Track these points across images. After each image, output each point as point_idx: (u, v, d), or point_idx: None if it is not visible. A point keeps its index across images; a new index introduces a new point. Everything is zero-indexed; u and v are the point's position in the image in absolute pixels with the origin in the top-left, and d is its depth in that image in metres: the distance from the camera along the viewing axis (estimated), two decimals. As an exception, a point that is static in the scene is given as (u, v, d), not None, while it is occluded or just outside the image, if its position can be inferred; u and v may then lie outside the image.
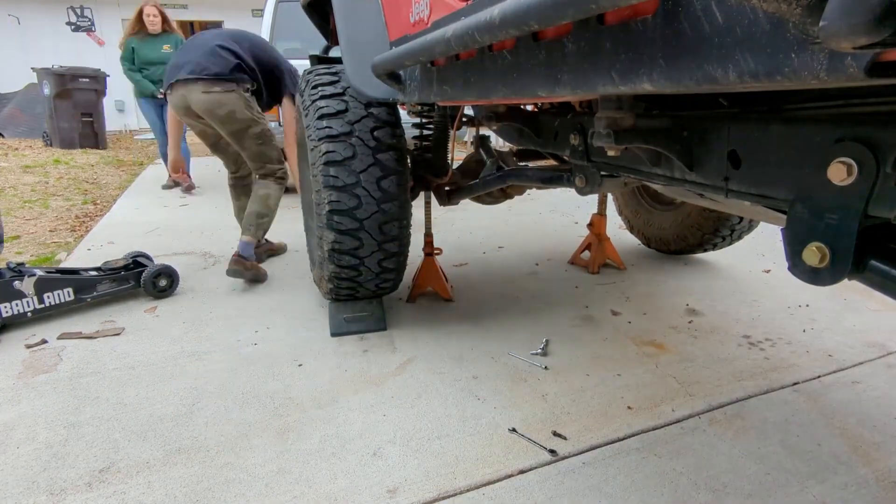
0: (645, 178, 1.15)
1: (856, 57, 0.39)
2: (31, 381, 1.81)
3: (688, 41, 0.52)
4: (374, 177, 1.91)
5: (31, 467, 1.41)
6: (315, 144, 1.91)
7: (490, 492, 1.33)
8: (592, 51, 0.67)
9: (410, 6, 1.43)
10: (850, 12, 0.33)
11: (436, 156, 2.25)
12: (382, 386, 1.79)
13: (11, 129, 8.43)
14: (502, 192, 2.28)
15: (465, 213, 4.16)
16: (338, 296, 2.19)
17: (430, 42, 0.94)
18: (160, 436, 1.54)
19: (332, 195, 1.89)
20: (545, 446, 1.47)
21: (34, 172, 5.74)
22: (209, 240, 3.48)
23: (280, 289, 2.67)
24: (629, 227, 3.33)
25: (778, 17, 0.43)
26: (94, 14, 10.35)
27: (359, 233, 1.94)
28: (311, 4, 2.62)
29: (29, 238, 3.60)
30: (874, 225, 0.61)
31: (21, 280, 2.18)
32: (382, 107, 1.95)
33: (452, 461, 1.43)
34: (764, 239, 3.31)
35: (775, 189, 0.77)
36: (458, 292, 2.58)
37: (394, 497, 1.31)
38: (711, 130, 0.89)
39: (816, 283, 0.65)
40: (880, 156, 0.58)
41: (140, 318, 2.33)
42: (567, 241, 3.42)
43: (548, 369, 1.88)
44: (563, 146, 1.46)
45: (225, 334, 2.17)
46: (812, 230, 0.65)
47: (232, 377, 1.85)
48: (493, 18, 0.67)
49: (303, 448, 1.49)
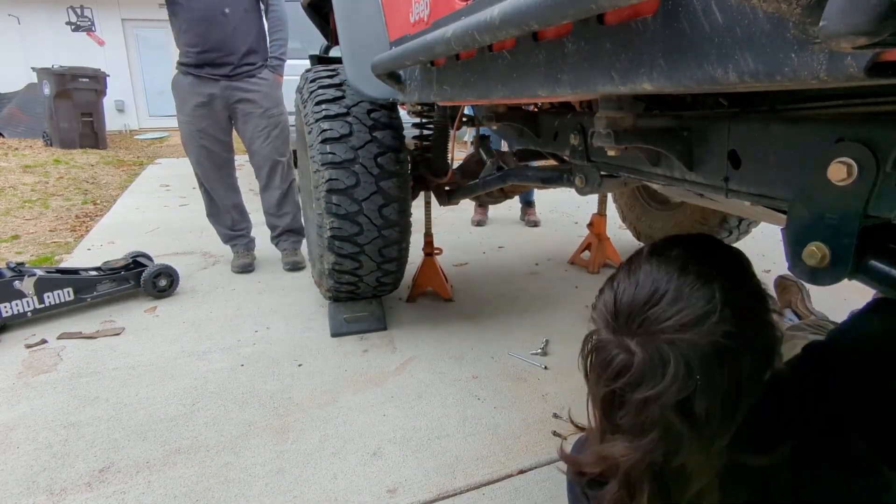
0: (645, 178, 1.15)
1: (856, 57, 0.39)
2: (31, 381, 1.81)
3: (688, 41, 0.52)
4: (377, 204, 1.93)
5: (31, 467, 1.41)
6: (317, 168, 1.91)
7: (490, 492, 1.33)
8: (592, 51, 0.67)
9: (410, 6, 1.43)
10: (849, 12, 0.32)
11: (436, 156, 2.25)
12: (382, 386, 1.79)
13: (11, 129, 8.42)
14: (502, 192, 2.28)
15: (465, 214, 4.16)
16: (337, 296, 2.19)
17: (430, 42, 0.94)
18: (160, 436, 1.54)
19: (335, 222, 1.91)
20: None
21: (34, 172, 5.74)
22: (209, 240, 3.48)
23: (280, 289, 2.67)
24: (622, 217, 3.33)
25: (778, 17, 0.43)
26: (94, 14, 10.27)
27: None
28: (311, 4, 2.62)
29: (29, 238, 3.60)
30: (874, 225, 0.61)
31: (21, 280, 2.18)
32: (387, 129, 1.95)
33: (452, 461, 1.43)
34: (764, 239, 3.31)
35: (775, 189, 0.77)
36: (458, 292, 2.58)
37: (394, 497, 1.31)
38: (711, 130, 0.88)
39: (816, 283, 0.65)
40: (880, 156, 0.58)
41: (140, 318, 2.33)
42: (567, 241, 3.42)
43: (548, 369, 1.88)
44: (563, 146, 1.46)
45: (225, 334, 2.17)
46: (812, 230, 0.65)
47: (232, 377, 1.85)
48: (493, 18, 0.67)
49: (303, 448, 1.49)
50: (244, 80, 2.74)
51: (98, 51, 10.28)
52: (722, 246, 0.72)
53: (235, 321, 2.29)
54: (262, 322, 2.28)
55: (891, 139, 0.57)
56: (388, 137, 1.94)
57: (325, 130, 1.88)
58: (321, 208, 1.93)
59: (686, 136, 0.93)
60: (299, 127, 2.43)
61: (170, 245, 3.38)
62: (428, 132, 2.29)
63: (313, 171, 1.95)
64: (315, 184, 1.95)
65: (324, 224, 1.94)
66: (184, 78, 2.69)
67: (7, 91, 9.22)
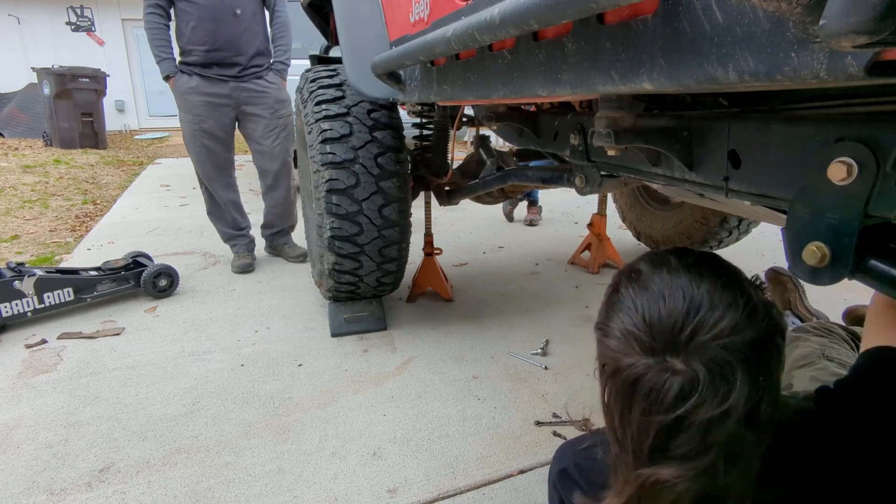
0: (645, 178, 1.15)
1: (856, 56, 0.39)
2: (31, 381, 1.81)
3: (688, 40, 0.52)
4: (377, 204, 1.93)
5: (31, 467, 1.41)
6: (318, 168, 1.91)
7: (490, 492, 1.33)
8: (592, 50, 0.67)
9: (410, 6, 1.43)
10: (849, 11, 0.32)
11: (436, 156, 2.25)
12: (382, 386, 1.79)
13: (11, 129, 8.42)
14: (502, 192, 2.28)
15: (465, 213, 4.16)
16: (338, 296, 2.19)
17: (430, 42, 0.94)
18: (160, 436, 1.54)
19: (335, 221, 1.92)
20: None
21: (34, 172, 5.74)
22: (209, 240, 3.48)
23: (280, 289, 2.67)
24: (622, 216, 3.34)
25: (778, 17, 0.43)
26: (94, 14, 10.34)
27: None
28: (311, 4, 2.62)
29: (29, 238, 3.60)
30: (874, 225, 0.61)
31: (21, 280, 2.18)
32: (387, 129, 1.95)
33: (452, 461, 1.43)
34: (764, 239, 3.31)
35: (775, 189, 0.77)
36: (458, 292, 2.58)
37: (394, 497, 1.31)
38: (711, 130, 0.88)
39: (816, 283, 0.65)
40: (880, 155, 0.58)
41: (140, 318, 2.33)
42: (567, 241, 3.42)
43: (548, 369, 1.88)
44: (563, 146, 1.46)
45: (225, 334, 2.17)
46: (812, 230, 0.65)
47: (232, 377, 1.85)
48: (493, 18, 0.67)
49: (303, 448, 1.49)
50: (253, 81, 2.76)
51: (98, 51, 10.31)
52: (703, 251, 0.71)
53: (235, 321, 2.29)
54: (262, 322, 2.28)
55: (891, 139, 0.57)
56: (389, 137, 1.94)
57: (325, 130, 1.88)
58: (321, 208, 1.93)
59: (686, 136, 0.93)
60: (299, 127, 2.44)
61: (170, 245, 3.38)
62: (428, 132, 2.29)
63: (313, 171, 1.95)
64: (315, 184, 1.95)
65: (324, 224, 1.94)
66: (188, 78, 2.68)
67: (7, 91, 9.22)
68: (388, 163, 1.93)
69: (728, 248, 3.01)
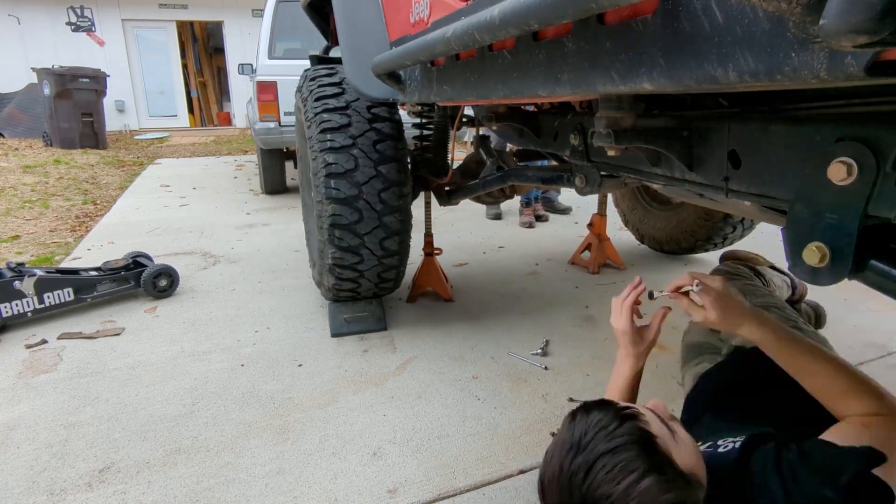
0: (645, 178, 1.15)
1: (856, 56, 0.39)
2: (31, 381, 1.81)
3: (688, 40, 0.52)
4: (376, 189, 1.93)
5: (31, 467, 1.41)
6: (316, 154, 1.92)
7: (490, 492, 1.33)
8: (592, 50, 0.67)
9: (410, 6, 1.43)
10: (849, 11, 0.32)
11: (436, 156, 2.25)
12: (382, 386, 1.79)
13: (11, 129, 8.43)
14: (502, 192, 2.28)
15: (465, 213, 4.16)
16: (338, 295, 2.19)
17: (430, 42, 0.94)
18: (160, 436, 1.54)
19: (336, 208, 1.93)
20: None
21: (34, 172, 5.74)
22: (209, 240, 3.48)
23: (280, 289, 2.67)
24: (624, 220, 3.33)
25: (778, 16, 0.43)
26: (94, 14, 10.34)
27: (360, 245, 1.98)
28: (311, 4, 2.62)
29: (29, 238, 3.60)
30: (874, 225, 0.61)
31: (21, 280, 2.18)
32: (386, 122, 1.96)
33: (452, 461, 1.43)
34: (764, 239, 3.31)
35: (775, 189, 0.77)
36: (458, 292, 2.58)
37: (394, 497, 1.31)
38: (711, 130, 0.89)
39: (816, 283, 0.65)
40: (880, 156, 0.58)
41: (140, 318, 2.33)
42: (567, 241, 3.42)
43: (548, 369, 1.88)
44: (563, 146, 1.46)
45: (225, 334, 2.17)
46: (812, 230, 0.65)
47: (232, 377, 1.85)
48: (493, 18, 0.67)
49: (303, 448, 1.49)
50: None
51: (98, 51, 10.32)
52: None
53: (235, 321, 2.29)
54: (262, 322, 2.28)
55: (891, 139, 0.57)
56: (387, 127, 1.96)
57: (324, 121, 1.91)
58: (321, 195, 1.92)
59: (686, 136, 0.93)
60: (300, 127, 2.44)
61: (170, 245, 3.38)
62: (428, 132, 2.29)
63: (312, 158, 1.96)
64: (314, 171, 1.96)
65: (323, 213, 1.93)
66: None
67: (7, 91, 9.23)
68: (387, 149, 1.93)
69: (728, 249, 3.01)
